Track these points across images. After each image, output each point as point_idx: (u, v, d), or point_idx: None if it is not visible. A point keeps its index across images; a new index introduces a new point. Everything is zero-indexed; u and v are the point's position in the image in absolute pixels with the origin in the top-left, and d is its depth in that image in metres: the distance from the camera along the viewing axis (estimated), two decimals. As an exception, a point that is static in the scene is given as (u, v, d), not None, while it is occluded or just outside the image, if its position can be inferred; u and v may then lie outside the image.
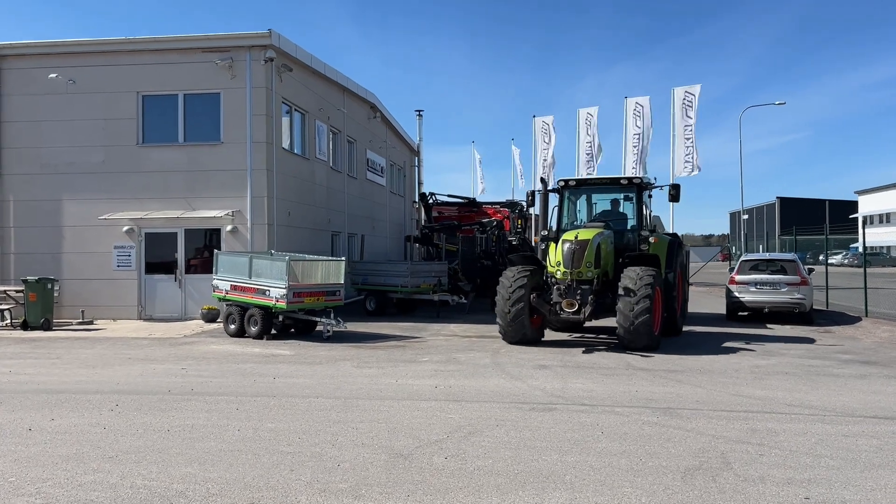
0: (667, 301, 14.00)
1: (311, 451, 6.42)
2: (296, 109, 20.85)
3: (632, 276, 12.61)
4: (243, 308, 15.16)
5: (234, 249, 17.90)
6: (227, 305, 15.66)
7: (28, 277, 17.22)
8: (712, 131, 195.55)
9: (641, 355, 12.19)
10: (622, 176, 15.89)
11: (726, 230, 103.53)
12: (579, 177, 16.26)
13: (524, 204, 25.22)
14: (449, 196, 29.09)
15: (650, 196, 15.30)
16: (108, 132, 18.85)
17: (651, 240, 14.41)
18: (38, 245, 19.02)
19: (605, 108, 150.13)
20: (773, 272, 18.39)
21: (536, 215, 15.83)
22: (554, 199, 15.28)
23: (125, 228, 18.67)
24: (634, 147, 31.02)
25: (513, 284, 13.29)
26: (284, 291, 14.26)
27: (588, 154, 32.40)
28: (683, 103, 28.98)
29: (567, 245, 13.20)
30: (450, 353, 12.60)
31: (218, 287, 15.87)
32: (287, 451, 6.39)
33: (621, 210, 15.12)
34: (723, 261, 65.53)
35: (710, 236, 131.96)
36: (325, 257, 16.68)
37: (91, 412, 8.08)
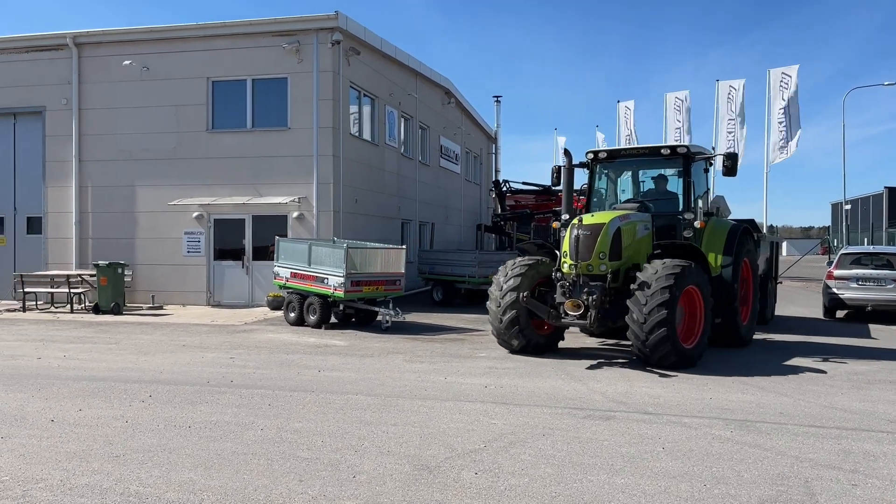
0: (722, 304, 11.27)
1: (329, 457, 5.80)
2: (365, 94, 20.40)
3: (650, 272, 9.92)
4: (303, 296, 14.82)
5: (300, 236, 17.64)
6: (287, 293, 15.38)
7: (99, 262, 17.49)
8: (813, 118, 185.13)
9: (660, 374, 9.53)
10: (664, 144, 12.62)
11: (827, 222, 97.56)
12: (612, 147, 12.88)
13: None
14: (524, 184, 28.15)
15: (706, 170, 12.48)
16: (180, 118, 18.92)
17: (697, 224, 11.43)
18: (114, 230, 19.34)
19: (698, 95, 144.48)
20: (877, 267, 16.63)
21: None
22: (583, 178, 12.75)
23: (195, 214, 18.72)
24: (730, 133, 29.21)
25: (504, 285, 10.87)
26: (342, 280, 13.80)
27: (676, 140, 30.70)
28: (780, 85, 26.91)
29: (574, 231, 10.39)
30: (510, 349, 11.79)
31: (279, 274, 15.61)
32: (304, 458, 5.80)
33: (670, 189, 12.18)
34: (822, 254, 61.60)
35: (810, 228, 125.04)
36: (385, 245, 16.14)
37: (121, 403, 7.76)
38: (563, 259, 10.63)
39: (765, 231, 26.48)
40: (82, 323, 15.59)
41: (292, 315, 14.86)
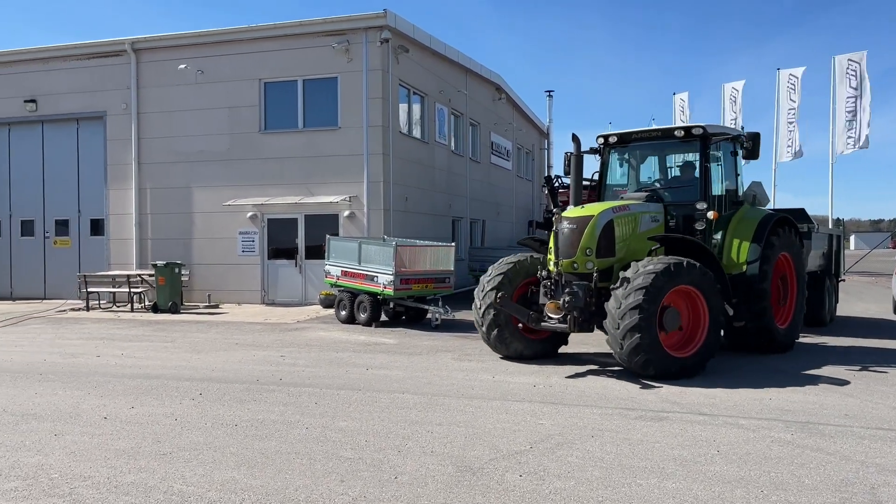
0: (749, 304, 10.20)
1: (372, 457, 5.74)
2: (414, 92, 20.38)
3: (631, 271, 8.90)
4: (353, 294, 14.88)
5: (352, 235, 17.72)
6: (338, 291, 15.46)
7: (157, 262, 17.91)
8: (883, 107, 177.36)
9: (645, 384, 8.47)
10: (678, 126, 11.24)
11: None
12: (623, 130, 11.16)
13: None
14: (577, 179, 27.68)
15: (734, 153, 10.95)
16: (233, 120, 19.23)
17: (710, 215, 10.10)
18: (172, 231, 19.79)
19: (756, 85, 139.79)
20: (952, 260, 15.75)
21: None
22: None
23: (249, 214, 19.01)
24: (790, 123, 28.22)
25: (486, 284, 10.17)
26: (391, 277, 13.79)
27: (733, 131, 29.78)
28: (846, 73, 25.79)
29: (562, 225, 9.60)
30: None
31: (329, 273, 15.70)
32: (346, 457, 5.75)
33: (697, 175, 10.59)
34: (893, 248, 59.04)
35: (880, 221, 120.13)
36: (434, 243, 16.07)
37: (172, 401, 7.87)
38: (548, 256, 9.95)
39: (830, 224, 25.50)
40: (141, 322, 15.99)
41: (343, 313, 14.93)
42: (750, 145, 10.51)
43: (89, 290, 18.39)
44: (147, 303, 18.43)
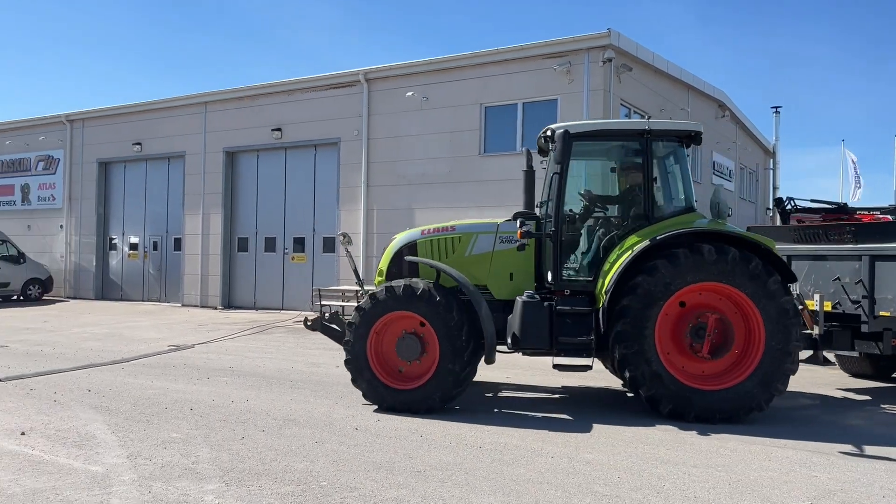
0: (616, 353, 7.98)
1: (630, 496, 5.41)
2: (635, 111, 19.77)
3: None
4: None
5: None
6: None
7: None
8: None
9: None
10: (618, 120, 9.52)
11: None
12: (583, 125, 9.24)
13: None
14: (812, 201, 25.26)
15: (689, 155, 8.96)
16: (454, 144, 19.84)
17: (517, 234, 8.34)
18: (394, 250, 20.75)
19: None
20: None
21: None
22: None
23: (466, 235, 19.42)
24: None
25: None
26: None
27: None
28: None
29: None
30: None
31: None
32: (602, 493, 5.47)
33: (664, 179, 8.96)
34: None
35: None
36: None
37: (412, 416, 8.05)
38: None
39: None
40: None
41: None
42: (692, 138, 8.70)
43: (322, 302, 19.77)
44: (371, 317, 19.42)
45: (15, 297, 25.57)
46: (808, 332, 9.07)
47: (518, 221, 8.46)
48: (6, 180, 30.03)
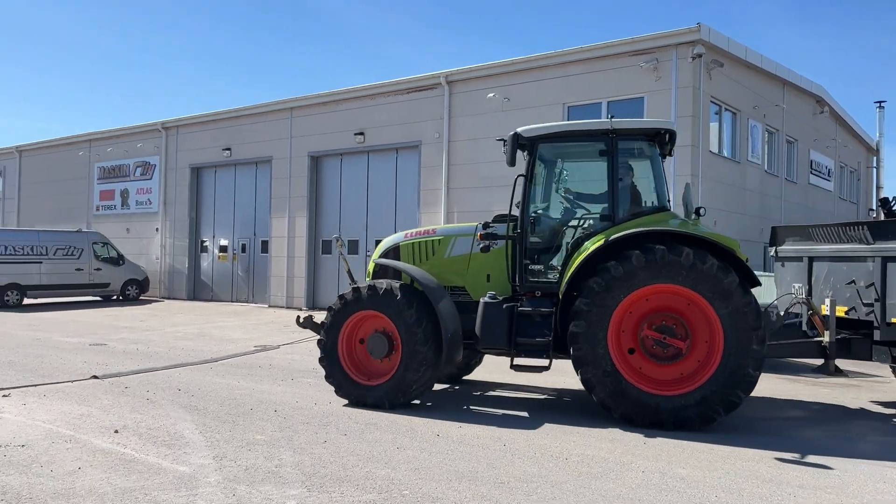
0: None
1: (729, 519, 5.06)
2: (726, 109, 18.98)
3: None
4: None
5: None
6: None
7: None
8: None
9: None
10: (581, 121, 9.15)
11: None
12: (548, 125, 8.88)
13: None
14: (921, 201, 23.64)
15: (664, 156, 8.74)
16: (536, 145, 19.53)
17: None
18: (475, 252, 20.62)
19: None
20: None
21: None
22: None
23: (548, 238, 19.09)
24: None
25: None
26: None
27: None
28: None
29: None
30: None
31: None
32: (698, 514, 5.14)
33: (636, 182, 8.72)
34: None
35: None
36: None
37: (492, 423, 7.87)
38: None
39: None
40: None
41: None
42: (667, 141, 8.63)
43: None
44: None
45: (115, 297, 26.85)
46: (819, 339, 8.60)
47: (482, 224, 8.79)
48: (108, 185, 31.63)
